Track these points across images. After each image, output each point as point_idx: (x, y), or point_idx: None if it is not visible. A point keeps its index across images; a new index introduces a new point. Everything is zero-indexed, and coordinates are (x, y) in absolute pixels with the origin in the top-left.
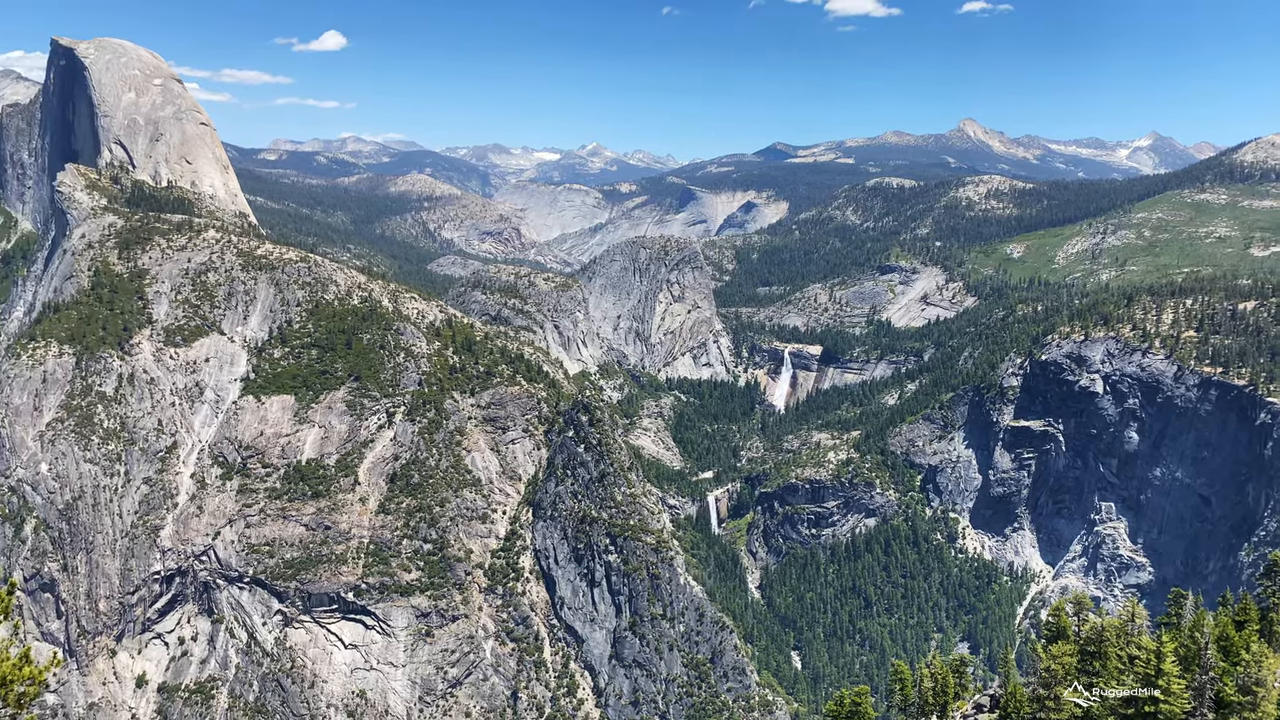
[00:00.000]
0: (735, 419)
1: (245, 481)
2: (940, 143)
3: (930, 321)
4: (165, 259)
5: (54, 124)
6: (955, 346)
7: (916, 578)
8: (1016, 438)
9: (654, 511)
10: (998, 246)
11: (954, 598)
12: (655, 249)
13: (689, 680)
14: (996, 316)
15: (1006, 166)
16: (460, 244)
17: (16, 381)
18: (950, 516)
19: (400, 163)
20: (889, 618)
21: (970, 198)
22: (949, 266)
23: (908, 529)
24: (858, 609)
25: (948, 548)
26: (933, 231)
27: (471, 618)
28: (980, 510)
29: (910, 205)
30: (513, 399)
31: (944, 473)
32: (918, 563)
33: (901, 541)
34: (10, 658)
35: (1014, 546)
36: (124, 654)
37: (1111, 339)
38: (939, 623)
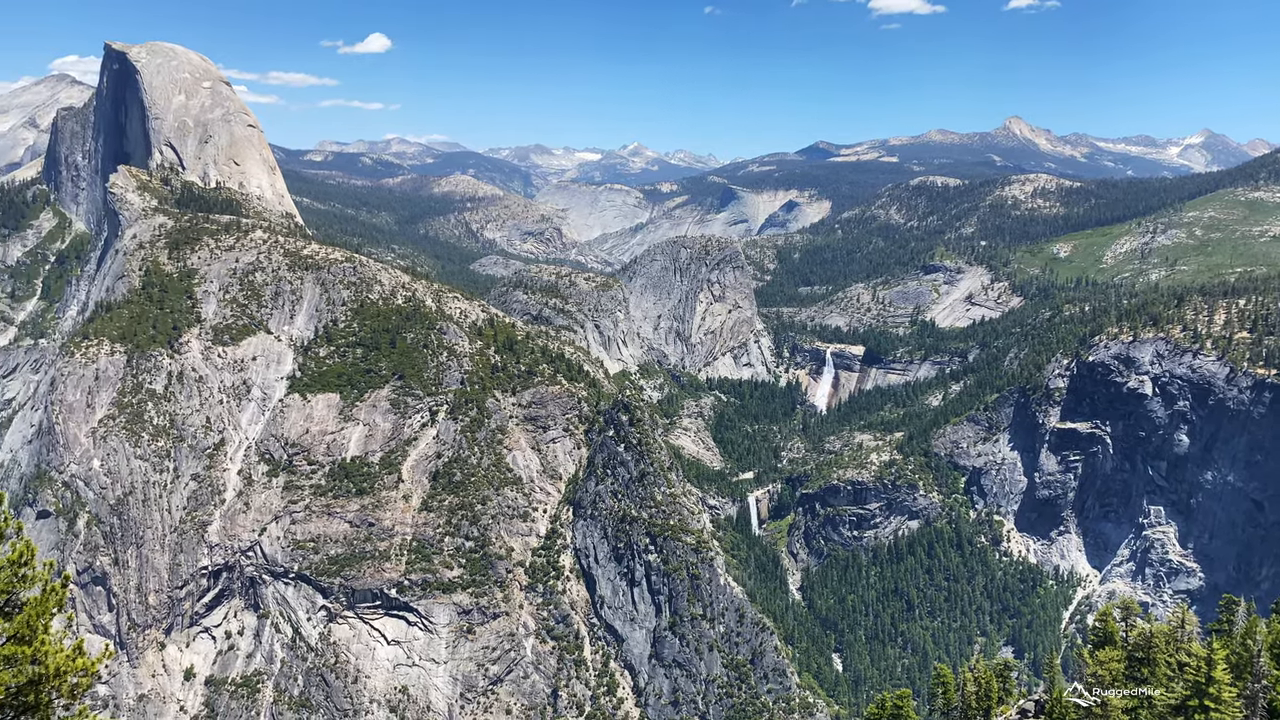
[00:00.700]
0: (776, 419)
1: (291, 478)
2: (985, 141)
3: (975, 322)
4: (214, 259)
5: (107, 127)
6: (1000, 347)
7: (960, 580)
8: (1063, 440)
9: (694, 512)
10: (1044, 246)
11: (998, 601)
12: (696, 248)
13: (729, 681)
14: (1043, 317)
15: (1053, 165)
16: (502, 244)
17: (70, 379)
18: (995, 519)
19: (444, 164)
20: (931, 621)
21: (1016, 196)
22: (994, 266)
23: (951, 531)
24: (900, 611)
25: (992, 551)
26: (978, 231)
27: (512, 615)
28: (1025, 513)
29: (955, 204)
30: (553, 398)
31: (988, 475)
32: (961, 566)
33: (945, 544)
34: (64, 649)
35: (1060, 550)
36: (173, 647)
37: (1161, 340)
38: (982, 626)
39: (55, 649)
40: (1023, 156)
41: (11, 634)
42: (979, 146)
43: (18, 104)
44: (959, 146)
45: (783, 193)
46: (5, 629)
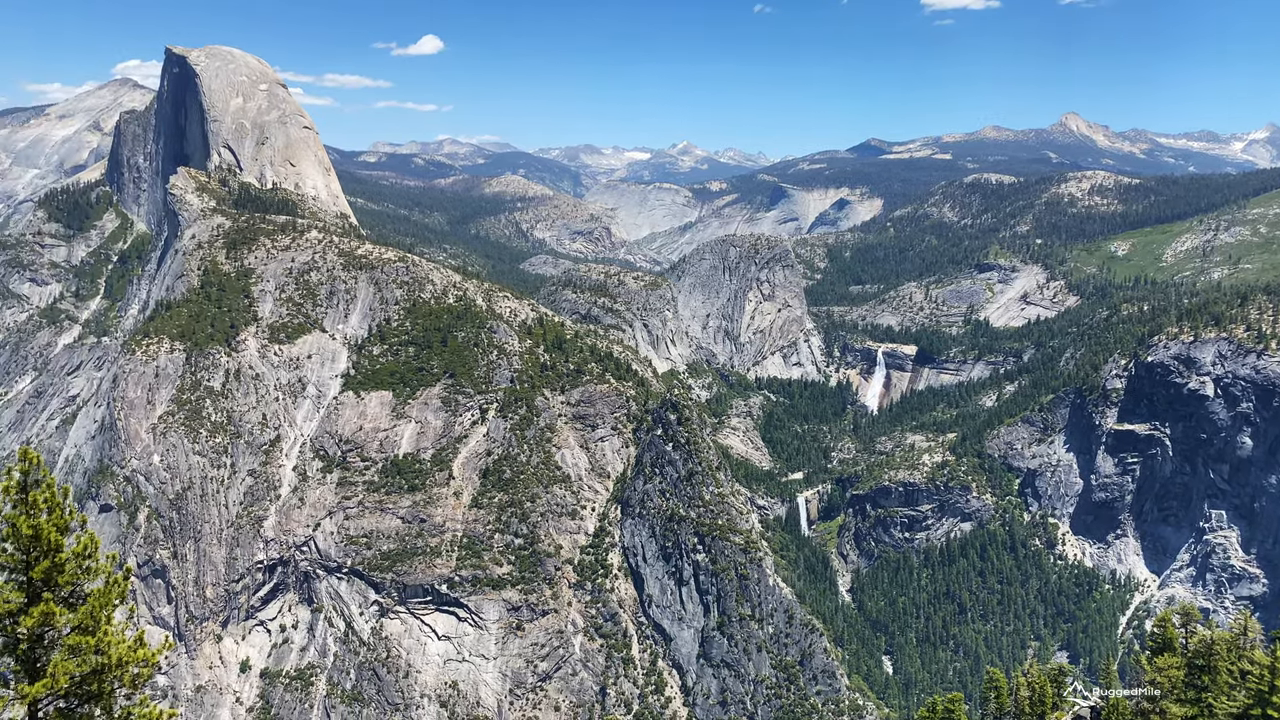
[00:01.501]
0: (826, 419)
1: (345, 474)
2: (1041, 138)
3: (1030, 321)
4: (270, 259)
5: (167, 129)
6: (1056, 347)
7: (1013, 584)
8: (1120, 442)
9: (742, 512)
10: (1101, 244)
11: (1052, 605)
12: (745, 247)
13: (777, 682)
14: (1100, 316)
15: (1111, 161)
16: (552, 243)
17: (131, 376)
18: (1049, 522)
19: (494, 164)
20: (984, 624)
21: (1073, 194)
22: (1050, 265)
23: (1005, 534)
24: (951, 614)
25: (1046, 554)
26: (1033, 229)
27: (561, 613)
28: (1081, 516)
29: (1009, 202)
30: (602, 397)
31: (1043, 477)
32: (1015, 569)
33: (998, 546)
34: (126, 640)
35: (1117, 554)
36: (229, 640)
37: (1223, 340)
38: (1036, 630)
39: (118, 640)
40: (1079, 153)
41: (76, 624)
42: (1034, 143)
43: (82, 108)
44: (1014, 143)
45: (834, 191)
46: (70, 619)
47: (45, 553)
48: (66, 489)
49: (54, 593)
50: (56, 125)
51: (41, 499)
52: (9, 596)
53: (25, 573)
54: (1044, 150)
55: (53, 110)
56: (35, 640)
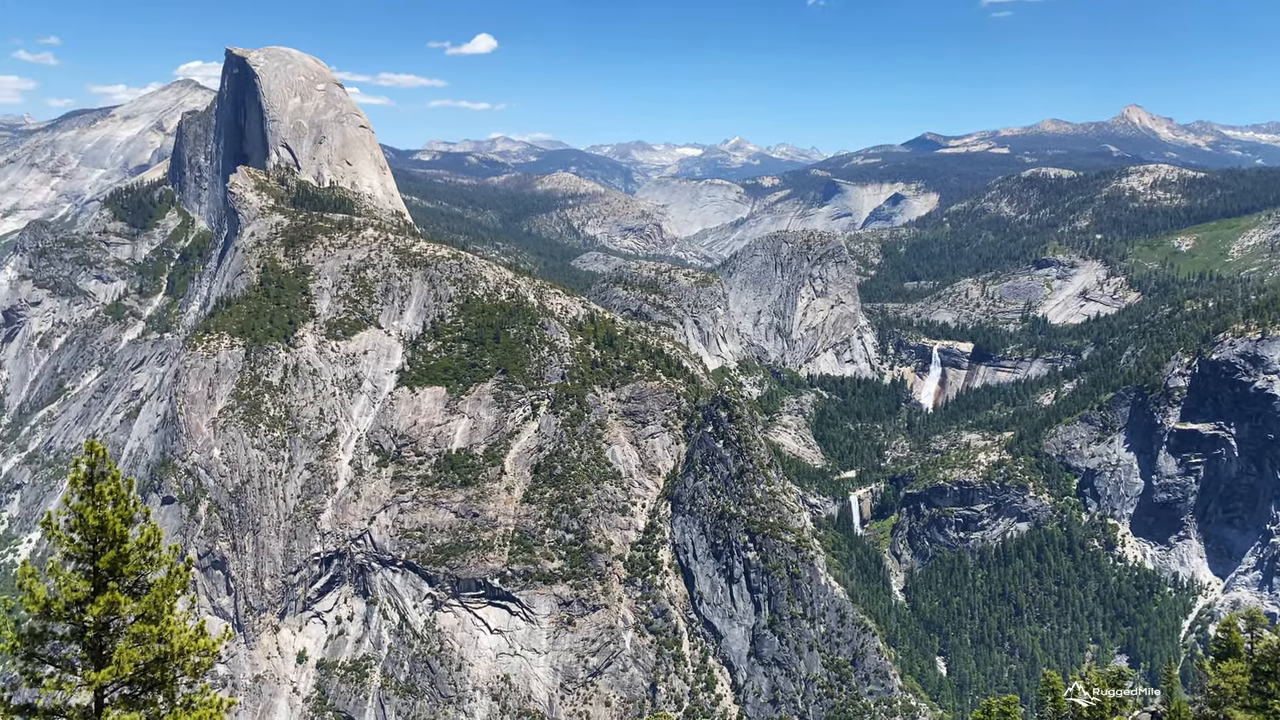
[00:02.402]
0: (880, 417)
1: (399, 469)
2: (1102, 131)
3: (1089, 318)
4: (327, 256)
5: (227, 129)
6: (1116, 345)
7: (1071, 585)
8: (1183, 441)
9: (794, 510)
10: (1164, 239)
11: (1112, 608)
12: (797, 243)
13: (829, 681)
14: (1162, 313)
15: (1174, 155)
16: (603, 240)
17: (193, 371)
18: (1109, 523)
19: (546, 162)
20: (1040, 626)
21: (1134, 188)
22: (1110, 260)
23: (1062, 534)
24: (1007, 616)
25: (1105, 555)
26: (1093, 224)
27: (611, 608)
28: (1142, 517)
29: (1069, 196)
30: (652, 394)
31: (1102, 477)
32: (1073, 570)
33: (1055, 547)
34: (188, 629)
35: (1179, 556)
36: (286, 630)
37: None
38: (1095, 633)
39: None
40: (1141, 146)
41: (140, 613)
42: (1094, 137)
43: (146, 109)
44: (1073, 137)
45: (888, 186)
46: (135, 608)
47: (111, 543)
48: (131, 481)
49: (119, 582)
50: (121, 126)
51: (107, 491)
52: (76, 585)
53: (92, 562)
54: (1104, 144)
55: (118, 111)
56: (101, 628)
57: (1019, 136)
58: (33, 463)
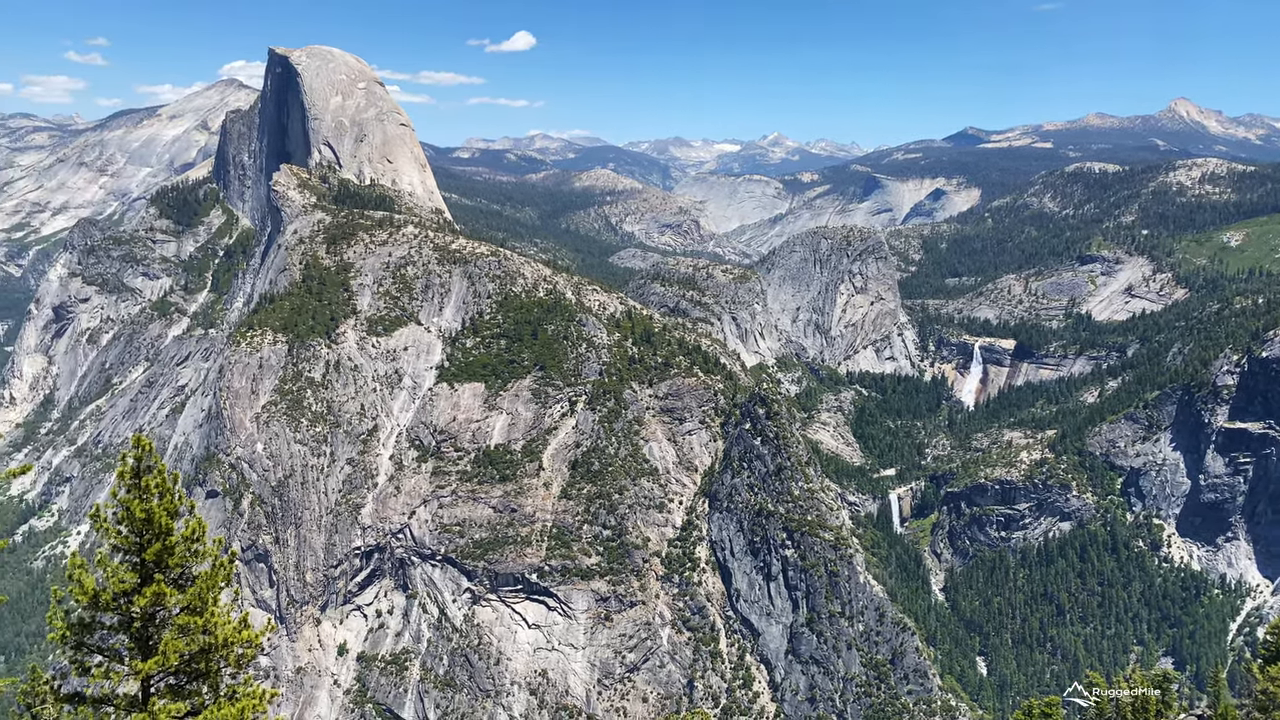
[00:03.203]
0: (920, 415)
1: (439, 464)
2: (1148, 124)
3: (1135, 315)
4: (368, 253)
5: (270, 127)
6: (1163, 342)
7: (1115, 586)
8: (1231, 440)
9: (833, 508)
10: (1212, 235)
11: (1157, 609)
12: (837, 239)
13: (868, 680)
14: (1210, 310)
15: (1224, 148)
16: (640, 237)
17: (236, 367)
18: (1154, 523)
19: (584, 158)
20: (1083, 627)
21: (1182, 182)
22: (1156, 256)
23: (1106, 534)
24: (1049, 616)
25: (1150, 556)
26: (1139, 219)
27: (649, 604)
28: (1188, 517)
29: (1114, 191)
30: (690, 390)
31: (1148, 476)
32: (1116, 570)
33: (1099, 547)
34: (231, 621)
35: (1227, 557)
36: (327, 623)
37: None
38: (1139, 635)
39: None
40: (1189, 140)
41: (185, 605)
42: (1141, 130)
43: (191, 108)
44: (1119, 131)
45: (929, 181)
46: (180, 600)
47: (156, 535)
48: (176, 475)
49: (165, 574)
50: (167, 125)
51: (153, 484)
52: (124, 576)
53: (138, 554)
54: (1151, 137)
55: (163, 111)
56: (148, 619)
57: (1063, 131)
58: (81, 456)
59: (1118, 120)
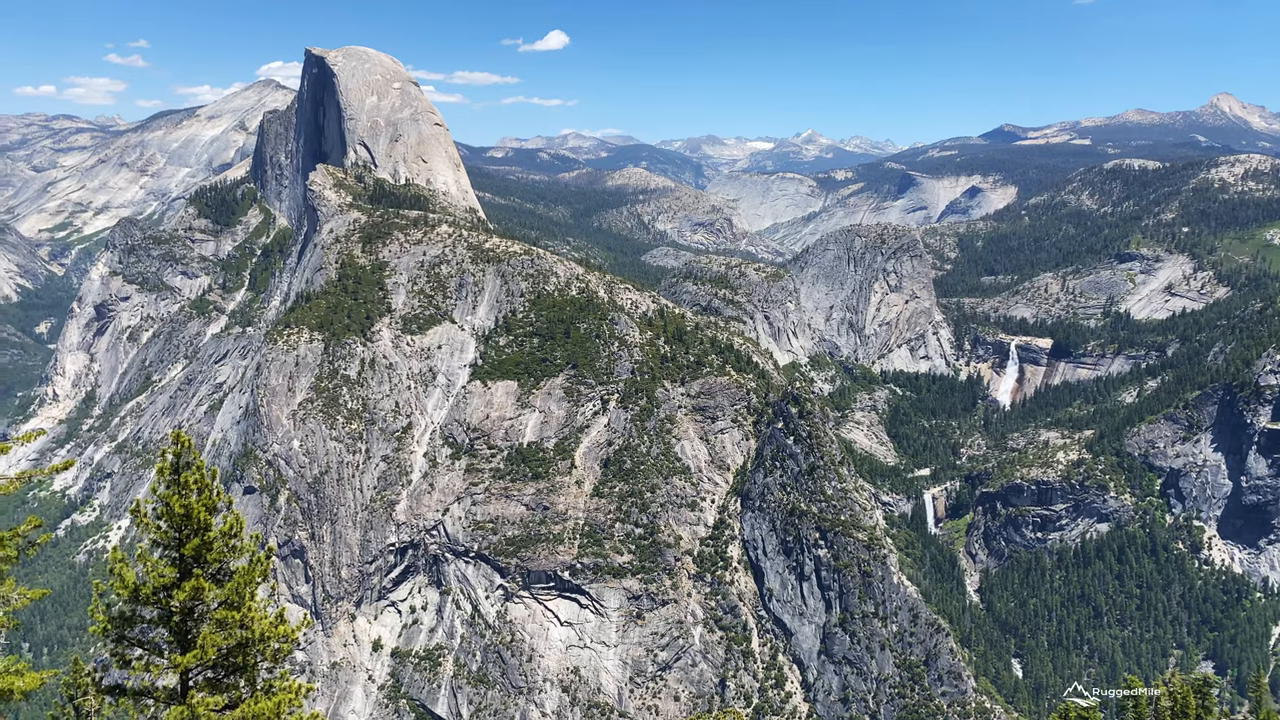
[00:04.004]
0: (955, 414)
1: (472, 461)
2: (1189, 120)
3: (1174, 314)
4: (403, 252)
5: (306, 127)
6: (1204, 341)
7: (1154, 589)
8: (1274, 441)
9: (866, 508)
10: (1255, 232)
11: (1197, 612)
12: (871, 237)
13: (901, 681)
14: (1253, 308)
15: (1268, 144)
16: (673, 235)
17: (273, 365)
18: (1194, 525)
19: (617, 157)
20: (1121, 630)
21: (1224, 179)
22: (1197, 254)
23: (1145, 536)
24: (1086, 618)
25: (1190, 558)
26: (1179, 216)
27: (681, 603)
28: (1230, 519)
29: (1154, 188)
30: (722, 389)
31: (1188, 477)
32: (1155, 573)
33: (1137, 549)
34: (268, 616)
35: (1270, 560)
36: (362, 619)
37: None
38: (1179, 638)
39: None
40: (1232, 136)
41: (223, 599)
42: (1181, 126)
43: (229, 109)
44: (1159, 127)
45: (965, 178)
46: (218, 595)
47: (195, 531)
48: (214, 471)
49: (203, 569)
50: (206, 126)
51: (192, 480)
52: (163, 571)
53: (177, 549)
54: (1192, 134)
55: (202, 112)
56: (186, 613)
57: (1101, 127)
58: (122, 452)
59: (1158, 116)
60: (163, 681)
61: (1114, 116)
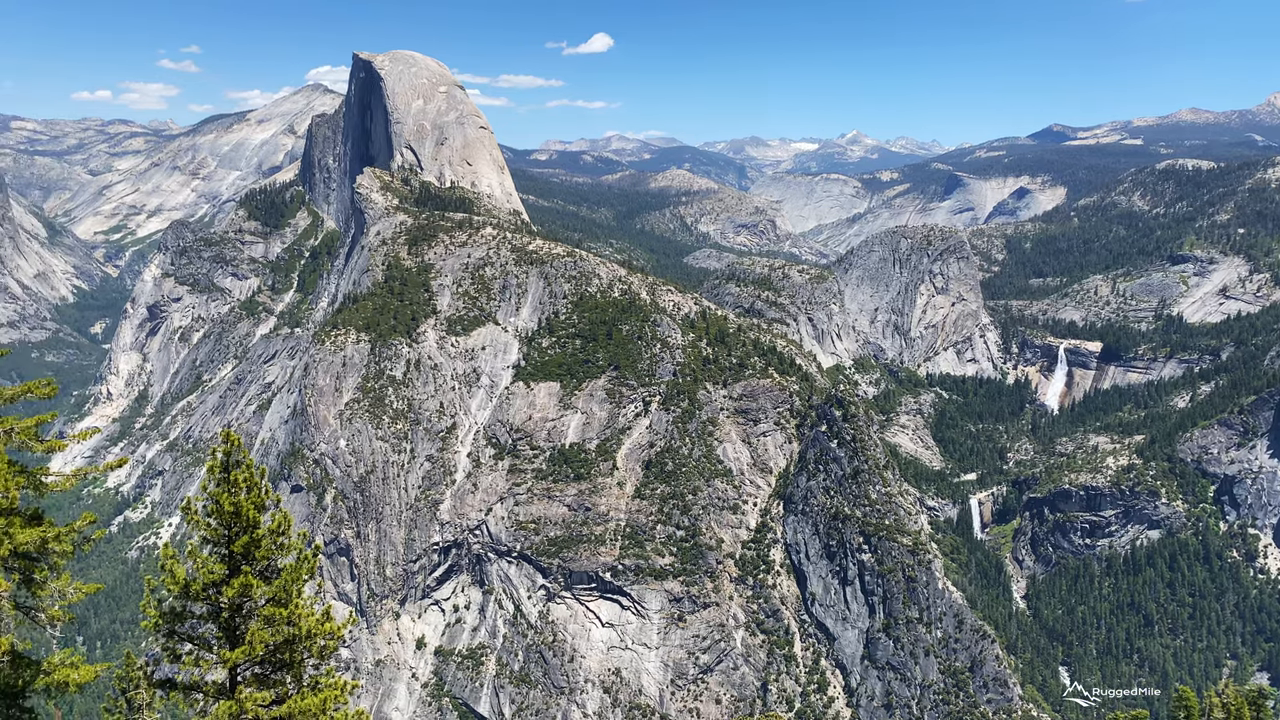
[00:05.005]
0: (1002, 419)
1: (515, 462)
2: (1245, 119)
3: (1229, 317)
4: (448, 254)
5: (354, 131)
6: (1260, 345)
7: (1207, 598)
8: None
9: (911, 512)
10: None
11: (1252, 622)
12: (917, 238)
13: (945, 688)
14: None
15: None
16: (715, 237)
17: (321, 365)
18: (1249, 533)
19: (660, 159)
20: (1173, 639)
21: None
22: (1254, 256)
23: (1197, 544)
24: (1136, 627)
25: (1245, 567)
26: (1234, 218)
27: (722, 606)
28: None
29: (1208, 189)
30: (764, 391)
31: (1242, 484)
32: (1209, 581)
33: (1190, 557)
34: (315, 613)
35: None
36: (406, 617)
37: None
38: (1233, 649)
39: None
40: None
41: (271, 596)
42: (1237, 125)
43: (278, 113)
44: (1214, 126)
45: (1012, 179)
46: (266, 591)
47: (244, 528)
48: (263, 469)
49: (252, 566)
50: (256, 130)
51: (241, 478)
52: (213, 568)
53: (227, 546)
54: (1248, 133)
55: (252, 116)
56: (235, 609)
57: (1154, 126)
58: (173, 450)
59: (1212, 115)
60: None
61: (1167, 116)
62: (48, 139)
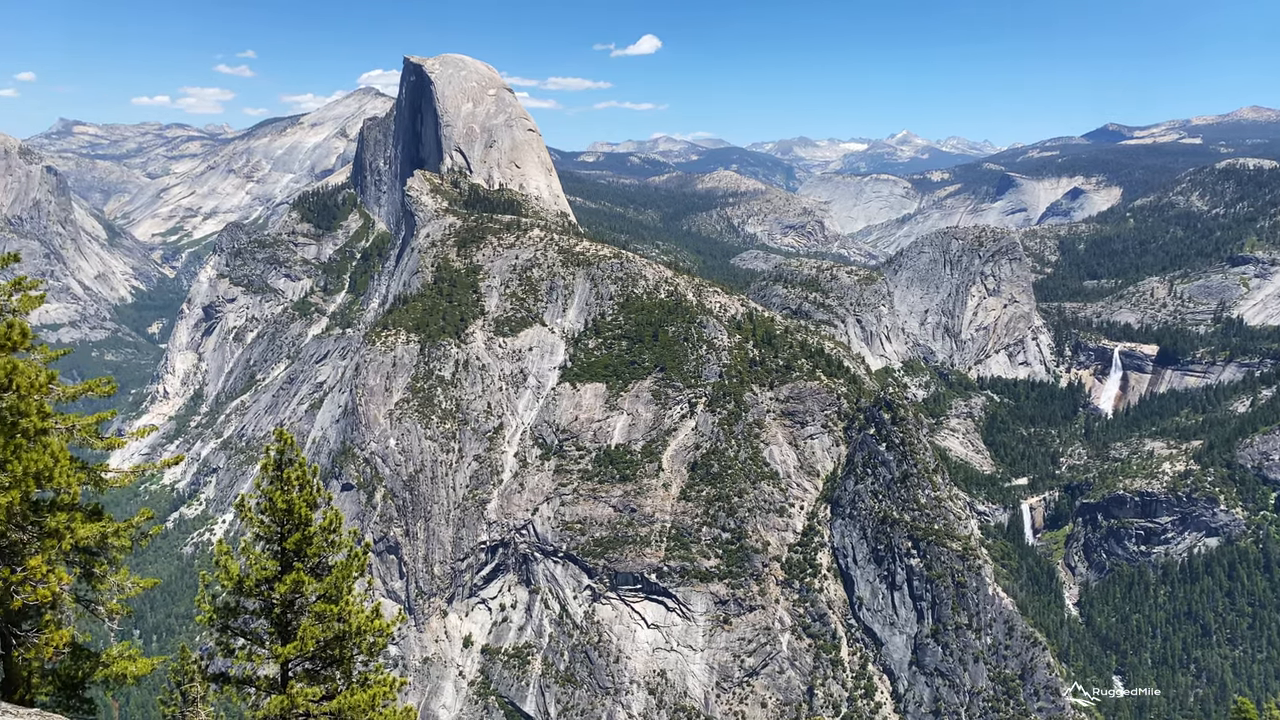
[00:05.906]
0: (1055, 423)
1: (561, 462)
2: None
3: None
4: (496, 256)
5: (404, 134)
6: None
7: (1268, 608)
8: None
9: (961, 517)
10: None
11: None
12: (968, 239)
13: (995, 695)
14: None
15: None
16: (762, 238)
17: (371, 365)
18: None
19: (707, 160)
20: (1232, 650)
21: None
22: None
23: (1258, 552)
24: (1193, 636)
25: None
26: None
27: (768, 609)
28: None
29: (1270, 189)
30: (812, 394)
31: None
32: (1269, 591)
33: (1249, 565)
34: (364, 610)
35: None
36: (453, 615)
37: None
38: None
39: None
40: None
41: (322, 593)
42: None
43: (331, 116)
44: (1276, 124)
45: (1066, 179)
46: (317, 588)
47: (297, 525)
48: (315, 468)
49: (304, 563)
50: (309, 133)
51: (294, 476)
52: (265, 564)
53: (279, 543)
54: None
55: (305, 119)
56: (287, 605)
57: (1213, 125)
58: (227, 448)
59: (1275, 113)
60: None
61: (1227, 114)
62: (108, 143)
